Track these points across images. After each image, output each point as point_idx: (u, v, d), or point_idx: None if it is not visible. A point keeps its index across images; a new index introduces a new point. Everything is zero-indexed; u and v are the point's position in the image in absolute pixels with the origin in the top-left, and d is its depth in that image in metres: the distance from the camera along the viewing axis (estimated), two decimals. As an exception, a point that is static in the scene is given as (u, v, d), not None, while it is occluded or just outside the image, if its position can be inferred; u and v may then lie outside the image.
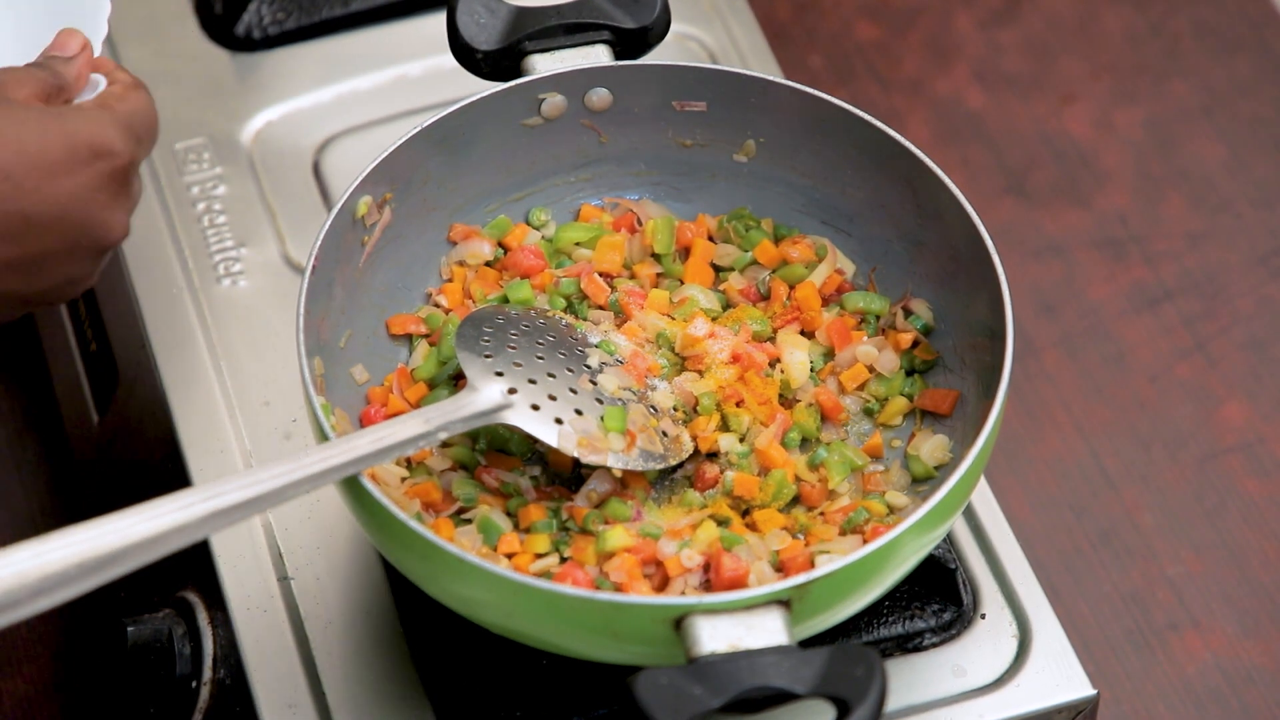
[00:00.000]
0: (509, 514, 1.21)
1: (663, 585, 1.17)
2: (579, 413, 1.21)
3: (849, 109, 1.28)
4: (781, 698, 1.05)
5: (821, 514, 1.23)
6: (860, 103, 1.31)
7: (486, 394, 1.19)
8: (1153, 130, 1.72)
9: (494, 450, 1.24)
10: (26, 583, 1.00)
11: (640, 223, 1.33)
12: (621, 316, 1.30)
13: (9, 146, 1.12)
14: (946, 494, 1.13)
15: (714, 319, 1.29)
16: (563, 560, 1.19)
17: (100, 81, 1.23)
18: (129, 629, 1.27)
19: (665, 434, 1.23)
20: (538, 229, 1.34)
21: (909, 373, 1.28)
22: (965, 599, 1.26)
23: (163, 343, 1.37)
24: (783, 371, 1.27)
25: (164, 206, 1.44)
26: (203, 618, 1.28)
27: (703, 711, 1.04)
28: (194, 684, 1.26)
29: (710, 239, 1.33)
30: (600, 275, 1.31)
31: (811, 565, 1.18)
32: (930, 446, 1.25)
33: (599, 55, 1.30)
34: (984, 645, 1.25)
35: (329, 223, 1.22)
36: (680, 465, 1.24)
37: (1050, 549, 1.50)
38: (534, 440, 1.21)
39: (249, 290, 1.40)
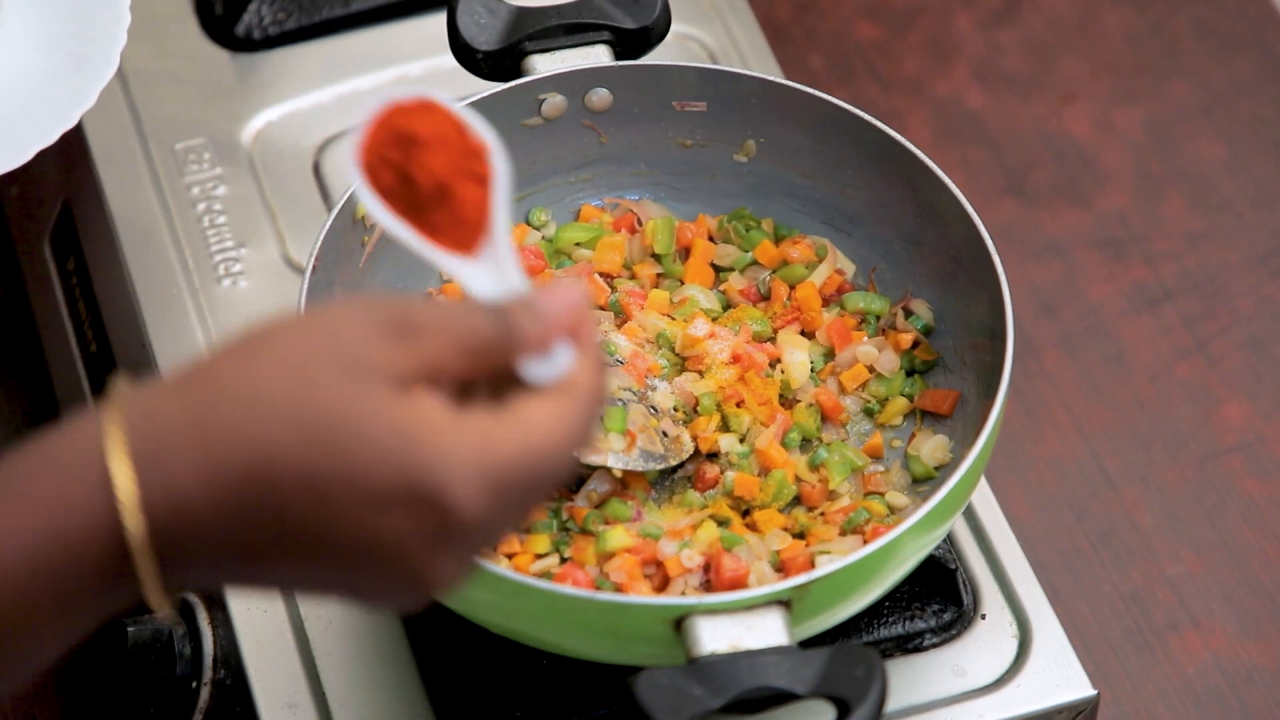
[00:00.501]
0: (509, 514, 1.21)
1: (663, 585, 1.17)
2: (579, 413, 1.21)
3: (849, 109, 1.28)
4: (782, 698, 1.05)
5: (822, 514, 1.22)
6: (860, 103, 1.31)
7: (487, 394, 1.18)
8: (1153, 130, 1.72)
9: (494, 450, 1.24)
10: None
11: (640, 223, 1.33)
12: (621, 317, 1.29)
13: (337, 457, 0.88)
14: (947, 494, 1.13)
15: (714, 319, 1.29)
16: (563, 560, 1.19)
17: (561, 361, 0.91)
18: (129, 629, 1.26)
19: (665, 434, 1.23)
20: (538, 229, 1.34)
21: (909, 373, 1.28)
22: (965, 599, 1.26)
23: (163, 343, 1.37)
24: (783, 372, 1.27)
25: (164, 206, 1.43)
26: (203, 618, 1.27)
27: (703, 712, 1.04)
28: (194, 684, 1.26)
29: (710, 239, 1.33)
30: (600, 275, 1.31)
31: (812, 565, 1.18)
32: (930, 447, 1.25)
33: (599, 55, 1.30)
34: (984, 645, 1.25)
35: (329, 223, 1.22)
36: (680, 465, 1.24)
37: (1050, 549, 1.50)
38: (534, 440, 1.21)
39: (249, 290, 1.40)
